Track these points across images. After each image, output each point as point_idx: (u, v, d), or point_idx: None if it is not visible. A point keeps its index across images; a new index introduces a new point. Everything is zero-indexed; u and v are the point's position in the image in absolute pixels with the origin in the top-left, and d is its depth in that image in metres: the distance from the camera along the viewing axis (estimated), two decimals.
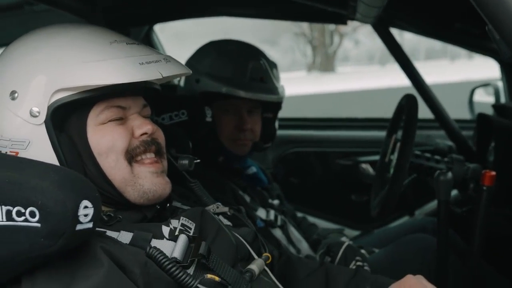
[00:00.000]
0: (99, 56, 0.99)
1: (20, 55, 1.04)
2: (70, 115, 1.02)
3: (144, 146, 1.07)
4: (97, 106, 1.03)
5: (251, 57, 1.85)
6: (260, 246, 1.29)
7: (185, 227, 1.08)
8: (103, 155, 1.03)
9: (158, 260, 0.95)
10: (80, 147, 1.03)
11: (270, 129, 1.94)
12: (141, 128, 1.07)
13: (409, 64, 2.28)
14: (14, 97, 1.01)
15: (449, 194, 1.64)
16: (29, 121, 1.00)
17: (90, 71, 0.97)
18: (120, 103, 1.05)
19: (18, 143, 1.01)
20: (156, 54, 1.05)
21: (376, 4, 1.54)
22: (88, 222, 0.82)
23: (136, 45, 1.06)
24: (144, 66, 1.00)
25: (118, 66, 0.99)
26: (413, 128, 1.69)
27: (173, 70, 1.05)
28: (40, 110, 0.99)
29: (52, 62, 1.00)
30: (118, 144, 1.04)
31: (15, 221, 0.79)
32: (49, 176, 0.82)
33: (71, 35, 1.04)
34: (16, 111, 1.01)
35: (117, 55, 1.00)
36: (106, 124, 1.04)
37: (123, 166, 1.05)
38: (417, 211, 2.66)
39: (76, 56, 0.99)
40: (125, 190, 1.05)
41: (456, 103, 4.02)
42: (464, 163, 1.79)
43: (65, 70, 0.98)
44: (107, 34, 1.06)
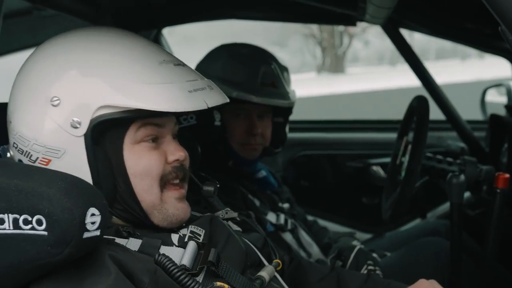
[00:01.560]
0: (149, 78, 0.98)
1: (65, 59, 1.00)
2: (108, 130, 1.00)
3: (176, 172, 1.06)
4: (135, 123, 1.02)
5: (262, 61, 1.84)
6: (270, 251, 1.28)
7: (194, 234, 1.07)
8: (138, 177, 1.02)
9: (167, 268, 0.94)
10: (114, 164, 1.01)
11: (281, 134, 1.93)
12: (174, 155, 1.06)
13: (419, 64, 2.26)
14: (55, 103, 0.98)
15: (462, 197, 1.61)
16: (68, 131, 0.97)
17: (140, 93, 0.96)
18: (156, 121, 1.04)
19: (53, 151, 0.99)
20: (200, 79, 1.04)
21: (386, 5, 1.53)
22: (96, 230, 0.81)
23: (181, 66, 1.04)
24: (192, 94, 0.99)
25: (168, 92, 0.97)
26: (425, 130, 1.67)
27: (217, 100, 1.03)
28: (82, 122, 0.97)
29: (101, 76, 0.97)
30: (153, 170, 1.03)
31: (22, 229, 0.79)
32: (56, 183, 0.81)
33: (121, 46, 1.02)
34: (55, 118, 0.98)
35: (167, 79, 0.99)
36: (141, 144, 1.03)
37: (155, 191, 1.04)
38: (429, 214, 2.63)
39: (128, 74, 0.97)
40: (152, 213, 1.04)
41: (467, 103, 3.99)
42: (476, 165, 1.77)
43: (114, 88, 0.96)
44: (156, 51, 1.04)
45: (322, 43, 27.46)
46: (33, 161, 1.00)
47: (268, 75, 1.81)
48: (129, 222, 1.05)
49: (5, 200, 0.80)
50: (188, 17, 2.44)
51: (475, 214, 2.04)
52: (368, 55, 32.55)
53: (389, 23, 2.12)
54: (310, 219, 2.16)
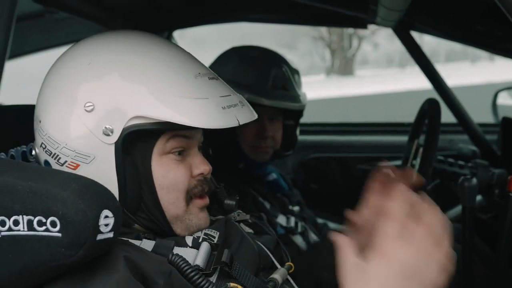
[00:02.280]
0: (184, 93, 0.97)
1: (99, 65, 0.99)
2: (138, 140, 1.00)
3: (201, 186, 1.06)
4: (165, 135, 1.01)
5: (273, 64, 1.84)
6: (282, 254, 1.27)
7: (208, 236, 1.07)
8: (164, 190, 1.02)
9: (181, 267, 0.94)
10: (142, 174, 1.01)
11: (291, 137, 1.93)
12: (199, 169, 1.06)
13: (430, 67, 2.25)
14: (89, 109, 0.97)
15: (474, 201, 1.60)
16: (100, 138, 0.97)
17: (175, 106, 0.95)
18: (186, 133, 1.04)
19: (82, 156, 0.98)
20: (233, 95, 1.04)
21: (397, 7, 1.53)
22: (109, 232, 0.82)
23: (215, 81, 1.04)
24: (225, 111, 0.98)
25: (204, 108, 0.96)
26: (436, 133, 1.66)
27: (247, 117, 1.03)
28: (114, 130, 0.96)
29: (138, 86, 0.96)
30: (180, 183, 1.03)
31: (36, 231, 0.79)
32: (70, 185, 0.81)
33: (158, 57, 1.01)
34: (88, 123, 0.97)
35: (203, 93, 0.98)
36: (168, 155, 1.02)
37: (181, 204, 1.04)
38: None
39: (164, 87, 0.97)
40: (175, 223, 1.05)
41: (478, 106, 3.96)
42: (488, 168, 1.76)
43: (151, 99, 0.96)
44: (192, 63, 1.04)
45: (331, 45, 27.43)
46: (61, 164, 1.00)
47: (279, 78, 1.81)
48: (150, 230, 1.05)
49: (20, 202, 0.80)
50: (198, 19, 2.45)
51: (487, 217, 2.03)
52: (377, 58, 32.47)
53: (400, 25, 2.11)
54: (320, 222, 2.16)
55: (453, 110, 2.26)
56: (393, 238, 0.75)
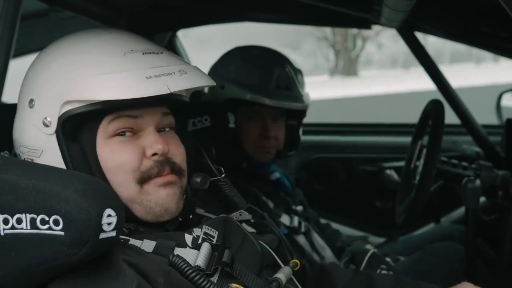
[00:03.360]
0: (108, 69, 0.97)
1: (42, 64, 1.05)
2: (82, 126, 1.01)
3: (158, 167, 1.02)
4: (107, 117, 1.01)
5: (276, 64, 1.84)
6: (285, 253, 1.27)
7: (207, 236, 1.07)
8: (111, 172, 1.01)
9: (182, 269, 0.94)
10: (90, 160, 1.01)
11: (294, 137, 1.93)
12: (152, 148, 1.02)
13: (434, 68, 2.25)
14: (32, 105, 1.02)
15: (478, 202, 1.60)
16: (42, 130, 1.00)
17: (95, 84, 0.96)
18: (130, 113, 1.02)
19: (33, 151, 1.02)
20: (173, 65, 1.00)
21: (402, 8, 1.52)
22: (112, 230, 0.81)
23: (154, 54, 1.02)
24: (151, 80, 0.95)
25: (123, 80, 0.95)
26: (440, 134, 1.66)
27: (185, 84, 0.99)
28: (52, 120, 0.99)
29: (64, 73, 0.99)
30: (126, 164, 1.01)
31: (39, 229, 0.79)
32: (73, 184, 0.81)
33: (89, 44, 1.03)
34: (32, 119, 1.02)
35: (126, 67, 0.97)
36: (114, 138, 1.02)
37: (131, 185, 1.02)
38: (443, 218, 2.61)
39: (87, 68, 0.98)
40: (133, 206, 1.03)
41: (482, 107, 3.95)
42: (492, 169, 1.75)
43: (74, 82, 0.97)
44: (125, 42, 1.03)
45: (335, 45, 27.42)
46: None
47: (282, 78, 1.81)
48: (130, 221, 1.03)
49: (23, 200, 0.81)
50: (202, 19, 2.45)
51: (490, 219, 2.02)
52: (382, 58, 32.44)
53: (405, 26, 2.10)
54: (323, 222, 2.16)
55: (457, 111, 2.25)
56: None
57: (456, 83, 2.51)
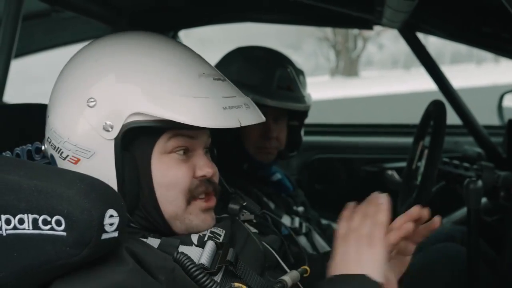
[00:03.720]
0: (185, 91, 0.97)
1: (106, 63, 1.01)
2: (139, 137, 1.00)
3: (204, 186, 1.05)
4: (167, 133, 1.01)
5: (278, 64, 1.84)
6: (287, 253, 1.27)
7: (214, 234, 1.07)
8: (164, 188, 1.01)
9: (185, 266, 0.94)
10: (141, 171, 1.01)
11: (296, 137, 1.93)
12: (203, 170, 1.05)
13: (436, 69, 2.24)
14: (91, 105, 0.98)
15: (479, 203, 1.60)
16: (100, 133, 0.98)
17: (176, 105, 0.95)
18: (189, 133, 1.03)
19: (83, 150, 0.99)
20: (238, 97, 1.03)
21: (403, 9, 1.52)
22: (114, 231, 0.82)
23: (221, 81, 1.03)
24: (226, 111, 0.97)
25: (203, 107, 0.96)
26: (442, 135, 1.66)
27: (251, 119, 1.02)
28: (114, 126, 0.97)
29: (139, 83, 0.97)
30: (180, 183, 1.02)
31: (41, 230, 0.80)
32: (75, 184, 0.82)
33: (163, 56, 1.02)
34: (89, 119, 0.98)
35: (204, 93, 0.97)
36: (170, 155, 1.02)
37: (180, 203, 1.03)
38: (444, 219, 2.61)
39: (165, 84, 0.97)
40: (174, 223, 1.04)
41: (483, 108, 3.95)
42: (494, 170, 1.75)
43: (149, 96, 0.96)
44: (197, 63, 1.04)
45: (336, 46, 27.40)
46: (63, 158, 1.01)
47: (284, 79, 1.81)
48: (146, 230, 1.05)
49: (25, 201, 0.81)
50: (204, 19, 2.45)
51: (492, 220, 2.02)
52: (382, 59, 32.41)
53: (406, 27, 2.10)
54: (324, 223, 2.16)
55: (458, 112, 2.25)
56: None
57: (457, 83, 2.50)
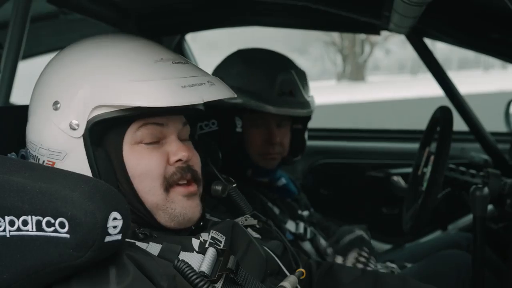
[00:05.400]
0: (142, 76, 0.98)
1: (66, 65, 1.04)
2: (109, 131, 1.01)
3: (180, 173, 1.05)
4: (135, 123, 1.02)
5: (280, 68, 1.78)
6: (290, 259, 1.26)
7: (215, 240, 1.07)
8: (138, 179, 1.02)
9: (186, 274, 0.94)
10: (115, 165, 1.02)
11: (300, 141, 1.88)
12: (176, 155, 1.05)
13: (443, 74, 2.24)
14: (57, 107, 1.01)
15: (486, 210, 1.58)
16: (68, 133, 1.00)
17: (131, 91, 0.97)
18: (157, 121, 1.04)
19: (55, 153, 1.01)
20: (201, 76, 1.03)
21: (411, 14, 1.52)
22: (117, 234, 0.81)
23: (182, 64, 1.04)
24: (186, 89, 0.98)
25: (160, 88, 0.97)
26: (448, 141, 1.65)
27: (216, 95, 1.02)
28: (80, 123, 0.99)
29: (96, 77, 0.99)
30: (153, 171, 1.03)
31: (45, 232, 0.79)
32: (79, 187, 0.82)
33: (118, 49, 1.03)
34: (57, 122, 1.01)
35: (160, 75, 0.99)
36: (141, 145, 1.03)
37: (158, 192, 1.03)
38: (450, 226, 2.59)
39: (120, 73, 0.99)
40: (157, 213, 1.04)
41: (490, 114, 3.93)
42: (500, 178, 1.74)
43: (107, 87, 0.98)
44: (154, 51, 1.05)
45: (343, 51, 27.39)
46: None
47: (286, 83, 1.75)
48: (137, 223, 1.05)
49: (29, 202, 0.81)
50: (211, 23, 2.45)
51: (498, 227, 2.00)
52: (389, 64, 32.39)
53: (413, 32, 2.10)
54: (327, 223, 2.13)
55: (465, 118, 2.24)
56: None
57: (464, 89, 2.50)
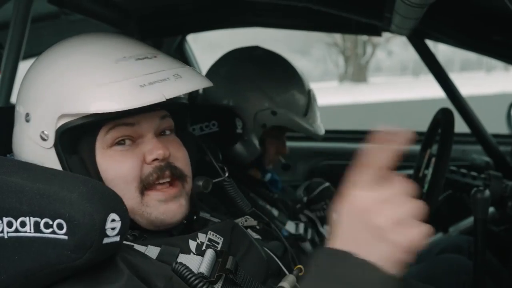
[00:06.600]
0: (100, 79, 0.94)
1: (33, 76, 1.02)
2: (81, 137, 0.99)
3: (156, 172, 1.00)
4: (104, 127, 0.99)
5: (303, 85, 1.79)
6: (290, 260, 1.26)
7: (212, 242, 1.06)
8: (111, 183, 0.98)
9: (184, 275, 0.93)
10: (90, 171, 0.99)
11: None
12: (152, 154, 1.00)
13: (445, 76, 2.23)
14: (28, 119, 0.99)
15: (487, 213, 1.58)
16: (40, 144, 0.98)
17: (88, 97, 0.93)
18: (127, 121, 0.99)
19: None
20: (167, 69, 0.98)
21: (413, 16, 1.51)
22: (115, 235, 0.81)
23: (147, 59, 0.99)
24: (145, 88, 0.92)
25: (116, 91, 0.92)
26: (450, 143, 1.64)
27: (181, 89, 0.96)
28: (49, 134, 0.97)
29: (57, 85, 0.97)
30: (127, 174, 0.99)
31: (43, 233, 0.79)
32: (77, 188, 0.81)
33: (80, 53, 1.00)
34: (29, 133, 0.99)
35: (118, 77, 0.94)
36: (113, 148, 0.99)
37: (133, 196, 0.99)
38: (451, 228, 2.58)
39: (79, 79, 0.96)
40: (134, 218, 1.01)
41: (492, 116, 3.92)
42: (502, 180, 1.74)
43: (67, 95, 0.95)
44: (117, 48, 1.00)
45: (345, 52, 27.40)
46: None
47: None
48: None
49: (27, 203, 0.80)
50: (212, 24, 2.45)
51: (499, 230, 2.00)
52: (391, 65, 32.40)
53: (415, 33, 2.09)
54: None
55: (467, 120, 2.24)
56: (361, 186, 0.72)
57: (466, 91, 2.49)
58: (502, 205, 1.79)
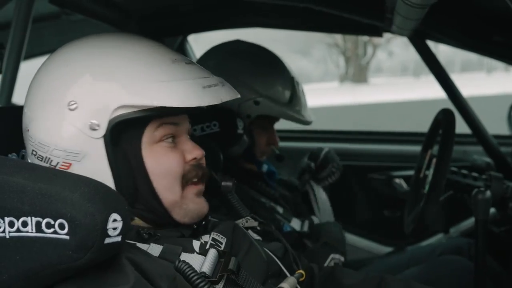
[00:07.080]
0: (164, 76, 0.98)
1: (81, 66, 1.00)
2: (127, 130, 1.00)
3: (195, 170, 1.08)
4: (153, 123, 1.02)
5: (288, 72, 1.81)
6: (291, 261, 1.26)
7: (216, 242, 1.07)
8: (159, 177, 1.03)
9: (187, 274, 0.93)
10: (133, 164, 1.02)
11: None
12: (192, 153, 1.07)
13: (445, 77, 2.23)
14: (73, 107, 0.98)
15: (488, 214, 1.58)
16: (87, 134, 0.98)
17: (155, 91, 0.97)
18: (173, 120, 1.05)
19: (73, 154, 0.99)
20: (212, 77, 1.05)
21: (414, 16, 1.51)
22: (117, 235, 0.81)
23: (193, 65, 1.06)
24: (206, 90, 1.00)
25: (184, 89, 0.98)
26: (451, 144, 1.64)
27: (229, 95, 1.04)
28: (100, 124, 0.97)
29: (116, 77, 0.98)
30: (174, 169, 1.04)
31: (44, 233, 0.79)
32: (79, 188, 0.81)
33: (135, 49, 1.03)
34: (74, 122, 0.98)
35: (181, 76, 0.99)
36: (160, 144, 1.03)
37: (177, 189, 1.05)
38: (452, 229, 2.59)
39: (141, 73, 0.98)
40: (173, 210, 1.05)
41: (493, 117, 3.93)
42: (503, 181, 1.74)
43: (131, 87, 0.97)
44: (167, 51, 1.06)
45: (346, 52, 27.39)
46: (54, 166, 1.00)
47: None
48: (150, 222, 1.06)
49: (29, 203, 0.80)
50: (213, 24, 2.45)
51: (500, 231, 2.00)
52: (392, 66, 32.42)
53: (416, 34, 2.09)
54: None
55: (467, 121, 2.24)
56: None
57: (467, 92, 2.49)
58: (503, 206, 1.79)
